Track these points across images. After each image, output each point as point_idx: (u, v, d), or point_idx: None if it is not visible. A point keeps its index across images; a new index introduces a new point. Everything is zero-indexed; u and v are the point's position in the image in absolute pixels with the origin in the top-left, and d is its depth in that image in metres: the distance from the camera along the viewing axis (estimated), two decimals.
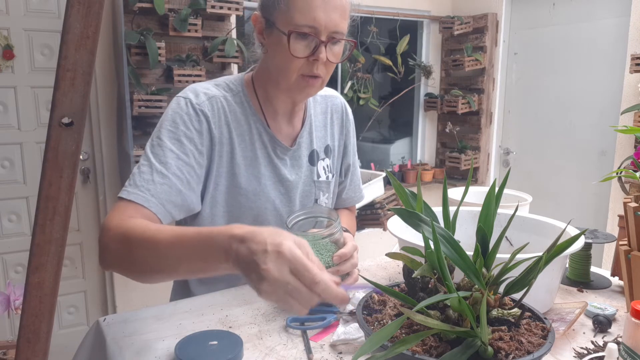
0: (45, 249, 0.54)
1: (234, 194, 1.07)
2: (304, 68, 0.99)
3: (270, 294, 0.65)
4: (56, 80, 0.51)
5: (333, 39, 0.98)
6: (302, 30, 0.95)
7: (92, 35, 0.51)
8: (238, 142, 1.06)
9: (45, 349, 0.58)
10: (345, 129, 1.25)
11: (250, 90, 1.10)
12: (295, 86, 1.01)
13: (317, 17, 0.95)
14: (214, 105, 1.04)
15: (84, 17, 0.50)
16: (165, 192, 0.94)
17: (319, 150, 1.18)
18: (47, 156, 0.52)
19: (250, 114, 1.08)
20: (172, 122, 1.00)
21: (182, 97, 1.03)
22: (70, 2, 0.49)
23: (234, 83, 1.10)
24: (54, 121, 0.51)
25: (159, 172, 0.95)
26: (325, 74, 1.02)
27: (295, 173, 1.13)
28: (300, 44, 0.96)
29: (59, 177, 0.53)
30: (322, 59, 0.97)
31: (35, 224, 0.54)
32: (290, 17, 0.95)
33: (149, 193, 0.92)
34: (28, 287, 0.55)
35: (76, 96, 0.51)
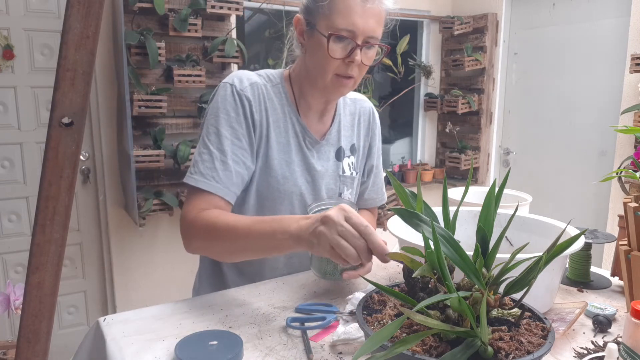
0: (45, 249, 0.54)
1: (265, 176, 1.14)
2: (339, 68, 1.07)
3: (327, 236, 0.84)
4: (56, 80, 0.51)
5: (368, 43, 1.06)
6: (340, 34, 1.03)
7: (92, 35, 0.51)
8: (273, 127, 1.14)
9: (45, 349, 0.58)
10: (371, 131, 1.33)
11: (288, 84, 1.18)
12: (331, 85, 1.10)
13: (356, 22, 1.02)
14: (255, 91, 1.13)
15: (84, 17, 0.50)
16: (227, 177, 1.07)
17: (345, 148, 1.26)
18: (47, 156, 0.52)
19: (286, 104, 1.16)
20: (224, 109, 1.10)
21: (228, 82, 1.12)
22: (70, 2, 0.49)
23: (274, 75, 1.18)
24: (54, 121, 0.51)
25: (219, 160, 1.07)
26: (358, 75, 1.10)
27: (322, 165, 1.21)
28: (338, 46, 1.04)
29: (59, 177, 0.53)
30: (357, 61, 1.05)
31: (35, 224, 0.54)
32: (331, 21, 1.03)
33: (214, 180, 1.06)
34: (28, 287, 0.55)
35: (76, 96, 0.51)
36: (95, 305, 2.88)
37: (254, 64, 3.28)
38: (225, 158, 1.07)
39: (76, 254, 2.78)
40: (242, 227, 0.96)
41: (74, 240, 2.74)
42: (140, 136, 2.64)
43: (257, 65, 3.30)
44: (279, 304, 1.03)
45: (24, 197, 2.63)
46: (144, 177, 2.66)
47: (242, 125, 1.10)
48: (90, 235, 2.79)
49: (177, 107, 2.73)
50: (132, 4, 2.43)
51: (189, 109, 2.77)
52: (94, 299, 2.87)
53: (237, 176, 1.08)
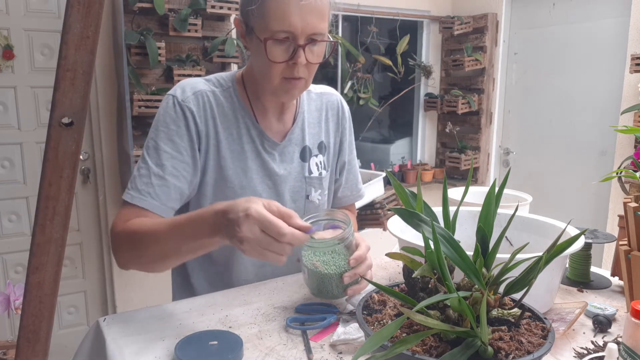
0: (45, 249, 0.54)
1: (221, 187, 1.09)
2: (285, 71, 1.00)
3: (250, 252, 0.79)
4: (56, 80, 0.51)
5: (313, 41, 0.99)
6: (278, 37, 0.96)
7: (92, 35, 0.51)
8: (224, 135, 1.08)
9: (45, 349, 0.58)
10: (341, 126, 1.25)
11: (241, 87, 1.12)
12: (279, 88, 1.03)
13: (293, 22, 0.95)
14: (199, 100, 1.07)
15: (84, 17, 0.50)
16: (164, 193, 1.01)
17: (312, 147, 1.19)
18: (47, 156, 0.52)
19: (239, 108, 1.10)
20: (163, 123, 1.05)
21: (171, 94, 1.07)
22: (70, 2, 0.49)
23: (225, 79, 1.12)
24: (54, 121, 0.51)
25: (156, 174, 1.01)
26: (308, 75, 1.04)
27: (284, 168, 1.14)
28: (278, 49, 0.98)
29: (59, 177, 0.53)
30: (301, 63, 0.99)
31: (35, 224, 0.54)
32: (266, 24, 0.96)
33: (149, 196, 1.00)
34: (28, 287, 0.55)
35: (76, 96, 0.51)
36: (95, 305, 2.88)
37: None
38: (163, 173, 1.01)
39: (76, 254, 2.78)
40: (163, 229, 0.91)
41: (74, 240, 2.74)
42: (140, 136, 2.63)
43: None
44: (279, 304, 1.03)
45: (24, 197, 2.63)
46: None
47: (184, 138, 1.04)
48: (90, 235, 2.79)
49: None
50: (132, 4, 2.43)
51: None
52: (94, 299, 2.87)
53: (176, 191, 1.03)
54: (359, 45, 3.62)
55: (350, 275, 0.92)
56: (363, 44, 3.63)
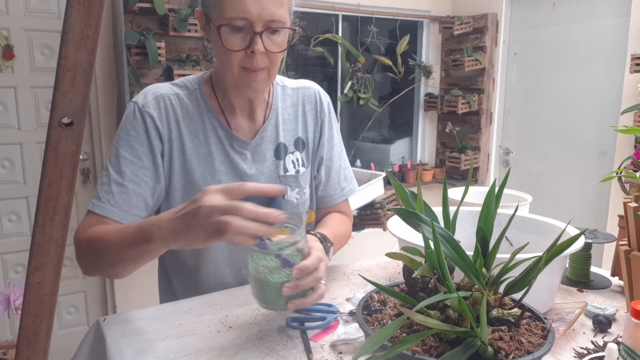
0: (45, 249, 0.54)
1: (189, 191, 1.06)
2: (244, 61, 0.97)
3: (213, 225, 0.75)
4: (56, 80, 0.51)
5: (270, 28, 0.96)
6: (234, 24, 0.94)
7: (92, 35, 0.51)
8: (189, 138, 1.06)
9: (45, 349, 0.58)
10: (319, 119, 1.20)
11: (209, 87, 1.10)
12: (240, 80, 1.00)
13: (248, 8, 0.93)
14: (160, 104, 1.05)
15: (84, 17, 0.50)
16: (124, 200, 1.00)
17: (287, 144, 1.15)
18: (47, 156, 0.52)
19: (205, 110, 1.08)
20: (124, 129, 1.04)
21: (133, 101, 1.06)
22: (70, 2, 0.49)
23: (192, 82, 1.11)
24: (54, 121, 0.51)
25: (116, 182, 1.01)
26: (270, 65, 1.00)
27: (256, 167, 1.11)
28: (235, 37, 0.95)
29: (59, 177, 0.53)
30: (258, 50, 0.95)
31: (35, 224, 0.54)
32: (221, 11, 0.94)
33: (109, 204, 1.00)
34: (28, 287, 0.55)
35: (76, 96, 0.51)
36: (95, 305, 2.88)
37: None
38: (123, 180, 1.00)
39: None
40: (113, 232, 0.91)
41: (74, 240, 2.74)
42: None
43: None
44: None
45: (24, 197, 2.63)
46: None
47: (143, 144, 1.02)
48: None
49: None
50: (132, 4, 2.43)
51: None
52: (94, 299, 2.87)
53: (137, 198, 1.01)
54: (359, 45, 3.62)
55: (290, 287, 0.81)
56: (363, 44, 3.63)
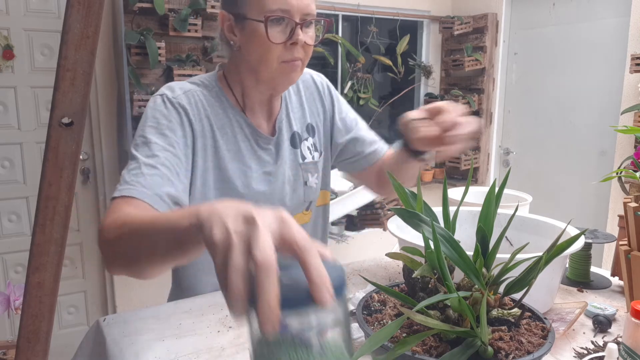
0: (45, 249, 0.54)
1: (223, 189, 1.05)
2: (283, 54, 0.98)
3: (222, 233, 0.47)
4: (56, 80, 0.51)
5: (306, 20, 0.98)
6: (276, 15, 0.95)
7: (92, 35, 0.51)
8: (220, 134, 1.05)
9: (45, 349, 0.58)
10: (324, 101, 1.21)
11: (225, 86, 1.09)
12: (278, 74, 1.01)
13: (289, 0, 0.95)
14: (190, 99, 1.03)
15: (84, 17, 0.50)
16: (156, 183, 0.90)
17: (300, 131, 1.16)
18: (47, 156, 0.52)
19: (229, 107, 1.07)
20: (153, 118, 0.98)
21: (158, 95, 1.03)
22: (70, 2, 0.49)
23: (208, 80, 1.09)
24: (54, 121, 0.51)
25: (147, 164, 0.91)
26: (305, 57, 1.01)
27: (280, 160, 1.12)
28: (276, 30, 0.96)
29: (59, 177, 0.53)
30: (301, 41, 0.97)
31: (35, 224, 0.54)
32: (262, 5, 0.95)
33: (140, 185, 0.88)
34: (28, 287, 0.55)
35: (76, 96, 0.51)
36: (95, 305, 2.88)
37: None
38: (155, 163, 0.92)
39: (76, 254, 2.78)
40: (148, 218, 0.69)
41: (74, 240, 2.74)
42: None
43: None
44: None
45: (24, 197, 2.63)
46: None
47: (176, 132, 0.98)
48: (90, 235, 2.79)
49: None
50: (132, 4, 2.43)
51: None
52: (94, 299, 2.87)
53: (170, 185, 0.91)
54: (359, 45, 3.62)
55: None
56: (363, 44, 3.63)
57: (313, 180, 1.17)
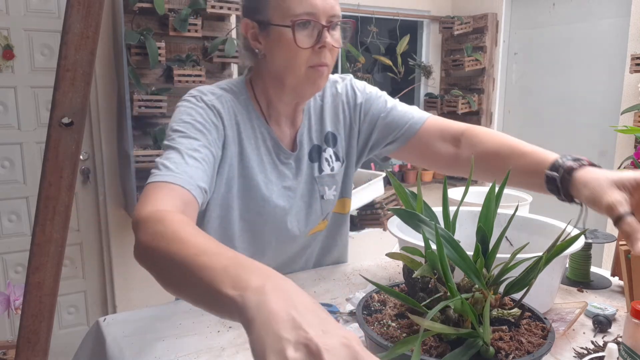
0: (45, 249, 0.54)
1: (246, 199, 1.04)
2: (311, 59, 0.96)
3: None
4: (56, 80, 0.51)
5: (332, 23, 0.96)
6: (303, 18, 0.92)
7: (92, 35, 0.51)
8: (247, 144, 1.03)
9: (45, 349, 0.58)
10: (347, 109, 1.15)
11: (252, 94, 1.07)
12: (305, 80, 0.98)
13: (314, 3, 0.93)
14: (223, 104, 1.01)
15: (84, 17, 0.50)
16: (199, 176, 0.87)
17: (320, 143, 1.13)
18: (47, 156, 0.52)
19: (255, 117, 1.05)
20: (189, 115, 0.95)
21: (191, 95, 1.00)
22: (70, 2, 0.49)
23: (237, 86, 1.07)
24: (54, 121, 0.51)
25: (190, 156, 0.88)
26: (331, 61, 0.99)
27: (300, 175, 1.10)
28: (302, 34, 0.94)
29: (59, 177, 0.53)
30: (329, 45, 0.95)
31: (35, 224, 0.54)
32: (286, 9, 0.93)
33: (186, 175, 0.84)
34: (28, 287, 0.55)
35: (76, 96, 0.51)
36: (95, 305, 2.88)
37: None
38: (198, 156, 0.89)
39: (76, 254, 2.78)
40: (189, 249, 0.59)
41: (74, 240, 2.74)
42: (140, 136, 2.63)
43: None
44: None
45: (24, 197, 2.63)
46: (144, 177, 2.64)
47: (212, 134, 0.95)
48: (90, 235, 2.79)
49: None
50: (132, 4, 2.43)
51: None
52: (94, 299, 2.87)
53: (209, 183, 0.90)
54: (359, 45, 3.62)
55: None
56: (363, 44, 3.63)
57: (330, 193, 1.15)
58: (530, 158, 1.00)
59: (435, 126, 1.14)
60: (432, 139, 1.13)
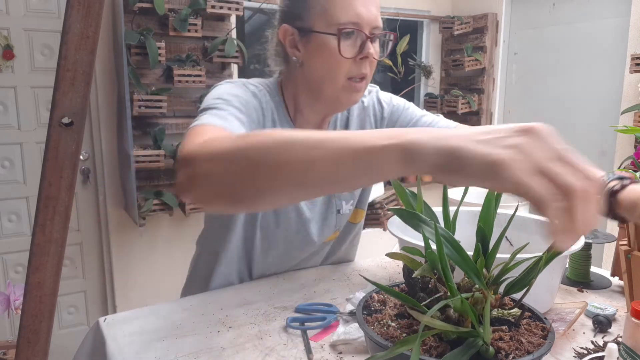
0: (45, 249, 0.54)
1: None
2: (351, 70, 0.93)
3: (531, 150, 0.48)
4: (56, 80, 0.51)
5: (374, 35, 0.94)
6: (348, 27, 0.90)
7: (92, 35, 0.51)
8: None
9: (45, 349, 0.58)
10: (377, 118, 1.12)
11: (282, 97, 1.04)
12: (342, 92, 0.95)
13: (360, 12, 0.91)
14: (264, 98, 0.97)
15: (84, 17, 0.50)
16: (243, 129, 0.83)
17: None
18: (47, 156, 0.52)
19: (285, 121, 1.02)
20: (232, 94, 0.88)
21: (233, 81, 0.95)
22: (70, 2, 0.49)
23: (270, 86, 1.03)
24: (54, 121, 0.51)
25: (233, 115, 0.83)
26: (370, 74, 0.96)
27: None
28: (346, 44, 0.91)
29: (59, 177, 0.53)
30: (372, 55, 0.92)
31: (35, 224, 0.54)
32: (332, 17, 0.90)
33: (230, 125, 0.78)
34: (28, 287, 0.55)
35: (76, 96, 0.51)
36: (95, 305, 2.88)
37: (254, 64, 3.28)
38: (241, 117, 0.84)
39: (76, 254, 2.78)
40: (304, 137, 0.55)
41: (74, 240, 2.74)
42: (140, 136, 2.63)
43: (257, 65, 3.29)
44: (279, 304, 1.03)
45: (24, 197, 2.63)
46: (144, 177, 2.66)
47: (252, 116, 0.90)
48: (90, 235, 2.79)
49: (177, 107, 2.73)
50: (132, 4, 2.43)
51: (189, 109, 2.77)
52: (94, 299, 2.87)
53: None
54: None
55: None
56: None
57: (347, 207, 1.13)
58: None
59: None
60: None
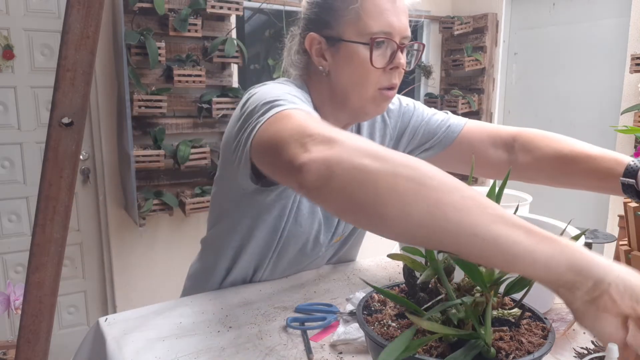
0: (45, 249, 0.54)
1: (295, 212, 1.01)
2: (381, 80, 0.91)
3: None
4: (56, 80, 0.51)
5: (404, 45, 0.92)
6: (380, 37, 0.88)
7: (92, 35, 0.51)
8: None
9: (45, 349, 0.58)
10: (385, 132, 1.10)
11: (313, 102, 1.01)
12: (371, 101, 0.93)
13: (391, 21, 0.90)
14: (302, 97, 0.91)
15: (84, 17, 0.50)
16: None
17: None
18: (47, 156, 0.52)
19: None
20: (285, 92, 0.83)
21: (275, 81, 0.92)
22: (70, 2, 0.49)
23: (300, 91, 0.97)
24: (54, 121, 0.51)
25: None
26: (398, 84, 0.95)
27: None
28: (376, 53, 0.89)
29: (59, 177, 0.53)
30: (402, 65, 0.91)
31: (35, 224, 0.54)
32: (363, 26, 0.88)
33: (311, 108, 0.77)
34: (28, 287, 0.55)
35: (76, 96, 0.51)
36: (95, 305, 2.88)
37: (254, 64, 3.28)
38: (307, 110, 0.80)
39: (76, 254, 2.78)
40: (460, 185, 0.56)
41: (74, 240, 2.74)
42: (140, 136, 2.64)
43: (257, 65, 3.29)
44: (279, 304, 1.03)
45: (24, 197, 2.63)
46: (144, 177, 2.66)
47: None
48: (90, 235, 2.79)
49: (177, 107, 2.73)
50: (132, 4, 2.43)
51: (189, 109, 2.77)
52: (94, 299, 2.87)
53: None
54: None
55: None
56: None
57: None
58: (599, 163, 0.95)
59: (481, 132, 1.10)
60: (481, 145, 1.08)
